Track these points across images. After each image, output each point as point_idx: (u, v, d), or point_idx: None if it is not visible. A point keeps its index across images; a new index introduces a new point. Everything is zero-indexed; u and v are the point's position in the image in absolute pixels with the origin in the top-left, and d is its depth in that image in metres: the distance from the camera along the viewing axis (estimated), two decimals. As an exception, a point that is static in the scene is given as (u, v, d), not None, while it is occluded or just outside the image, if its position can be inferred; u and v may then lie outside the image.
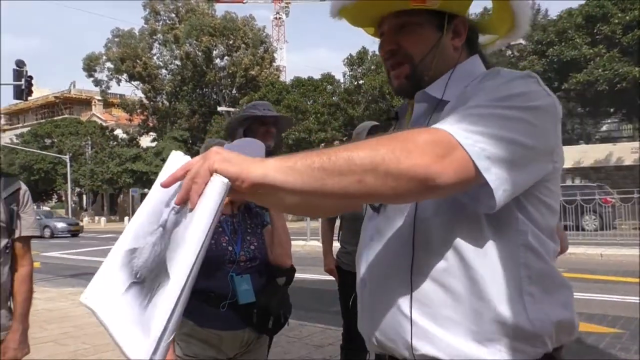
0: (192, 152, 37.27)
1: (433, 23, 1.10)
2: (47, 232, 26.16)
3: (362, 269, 1.14)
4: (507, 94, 0.94)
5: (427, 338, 0.98)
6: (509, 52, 26.12)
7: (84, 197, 45.20)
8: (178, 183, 0.87)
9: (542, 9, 32.64)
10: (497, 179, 0.87)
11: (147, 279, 0.83)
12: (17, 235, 2.12)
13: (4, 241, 2.07)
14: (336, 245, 3.45)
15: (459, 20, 1.11)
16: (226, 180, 0.82)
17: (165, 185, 0.87)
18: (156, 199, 0.90)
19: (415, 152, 0.83)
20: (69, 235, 26.39)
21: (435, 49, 1.10)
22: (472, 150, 0.86)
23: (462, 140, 0.86)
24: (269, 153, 2.59)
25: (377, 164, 0.82)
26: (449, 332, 0.97)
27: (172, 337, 0.80)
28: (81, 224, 29.24)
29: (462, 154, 0.86)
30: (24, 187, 2.19)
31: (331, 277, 3.51)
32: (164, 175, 0.89)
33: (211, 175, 0.83)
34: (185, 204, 0.84)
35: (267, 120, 2.78)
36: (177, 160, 0.91)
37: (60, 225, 26.75)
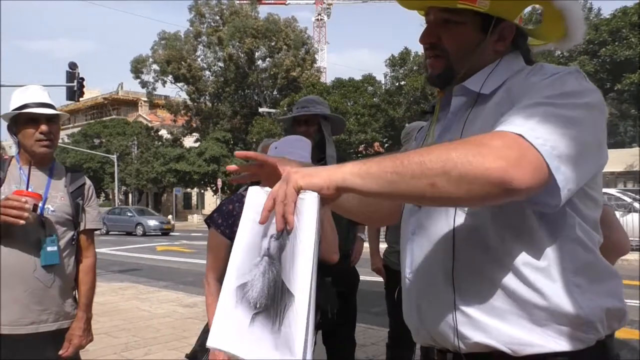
0: (233, 153, 37.79)
1: (477, 24, 1.09)
2: (139, 230, 25.00)
3: (406, 263, 1.15)
4: (561, 91, 0.94)
5: (478, 327, 0.99)
6: (558, 52, 25.26)
7: (130, 195, 46.64)
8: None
9: (594, 7, 31.48)
10: (565, 179, 0.87)
11: (270, 305, 0.88)
12: (82, 228, 2.22)
13: (70, 234, 2.17)
14: (382, 245, 3.45)
15: (505, 24, 1.10)
16: (315, 193, 0.87)
17: (263, 221, 0.90)
18: (247, 236, 0.94)
19: (489, 156, 0.83)
20: (160, 233, 24.67)
21: (474, 50, 1.09)
22: (544, 150, 0.86)
23: (533, 140, 0.86)
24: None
25: (450, 168, 0.83)
26: (499, 320, 0.98)
27: (313, 347, 0.85)
28: (172, 222, 27.39)
29: (535, 154, 0.86)
30: (88, 182, 2.29)
31: (373, 277, 3.50)
32: (248, 210, 0.95)
33: (298, 193, 0.87)
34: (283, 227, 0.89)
35: (299, 119, 2.65)
36: (256, 194, 0.95)
37: (153, 223, 25.14)
